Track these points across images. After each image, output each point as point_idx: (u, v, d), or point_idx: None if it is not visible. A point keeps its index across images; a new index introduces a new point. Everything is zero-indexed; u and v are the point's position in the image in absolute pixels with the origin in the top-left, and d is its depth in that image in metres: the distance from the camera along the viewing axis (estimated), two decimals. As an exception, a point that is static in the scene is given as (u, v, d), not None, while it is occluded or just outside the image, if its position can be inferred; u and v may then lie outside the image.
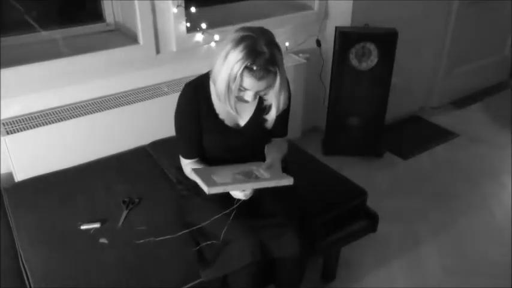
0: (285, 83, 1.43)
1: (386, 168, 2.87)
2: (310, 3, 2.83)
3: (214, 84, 1.40)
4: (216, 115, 1.52)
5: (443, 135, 3.25)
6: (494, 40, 3.78)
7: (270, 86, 1.38)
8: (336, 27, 2.65)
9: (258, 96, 1.49)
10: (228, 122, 1.54)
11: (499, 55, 3.92)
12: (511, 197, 2.60)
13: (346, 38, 2.63)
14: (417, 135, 3.28)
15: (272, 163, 1.50)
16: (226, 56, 1.32)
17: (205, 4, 2.64)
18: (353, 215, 1.87)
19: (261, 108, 1.54)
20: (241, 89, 1.36)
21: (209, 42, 2.40)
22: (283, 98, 1.45)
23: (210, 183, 1.34)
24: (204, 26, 2.35)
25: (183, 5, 2.24)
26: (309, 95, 2.92)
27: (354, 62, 2.69)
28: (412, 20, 2.95)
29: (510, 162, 2.94)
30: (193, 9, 2.35)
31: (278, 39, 1.39)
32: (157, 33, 2.24)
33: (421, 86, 3.43)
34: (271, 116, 1.51)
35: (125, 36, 2.32)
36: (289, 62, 2.67)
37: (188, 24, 2.31)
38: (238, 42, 1.31)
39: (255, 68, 1.30)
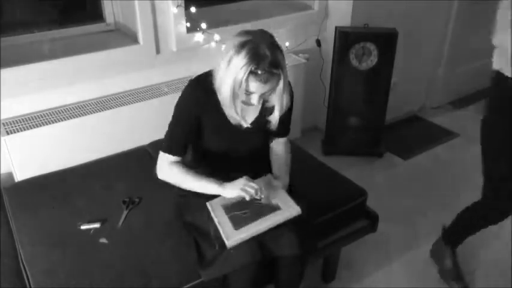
0: (287, 84, 1.44)
1: (386, 168, 2.87)
2: (310, 3, 2.83)
3: (219, 92, 1.40)
4: (219, 110, 1.51)
5: (443, 135, 3.25)
6: (494, 40, 3.77)
7: (274, 88, 1.39)
8: (336, 27, 2.65)
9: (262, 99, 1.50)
10: (231, 120, 1.54)
11: (499, 55, 3.92)
12: (511, 197, 2.60)
13: (346, 38, 2.64)
14: (417, 135, 3.27)
15: (282, 185, 1.56)
16: (229, 62, 1.32)
17: (205, 4, 2.64)
18: (353, 215, 1.87)
19: (265, 110, 1.54)
20: (247, 93, 1.37)
21: (209, 42, 2.40)
22: (285, 99, 1.46)
23: (228, 235, 1.40)
24: (204, 26, 2.35)
25: (183, 5, 2.24)
26: (309, 95, 2.92)
27: (354, 62, 2.69)
28: (412, 20, 2.95)
29: (510, 162, 2.93)
30: (193, 9, 2.35)
31: (278, 39, 1.39)
32: (157, 33, 2.24)
33: (421, 86, 3.43)
34: (275, 117, 1.51)
35: (124, 36, 2.32)
36: (289, 62, 2.67)
37: (188, 24, 2.31)
38: (240, 47, 1.30)
39: (259, 72, 1.30)
